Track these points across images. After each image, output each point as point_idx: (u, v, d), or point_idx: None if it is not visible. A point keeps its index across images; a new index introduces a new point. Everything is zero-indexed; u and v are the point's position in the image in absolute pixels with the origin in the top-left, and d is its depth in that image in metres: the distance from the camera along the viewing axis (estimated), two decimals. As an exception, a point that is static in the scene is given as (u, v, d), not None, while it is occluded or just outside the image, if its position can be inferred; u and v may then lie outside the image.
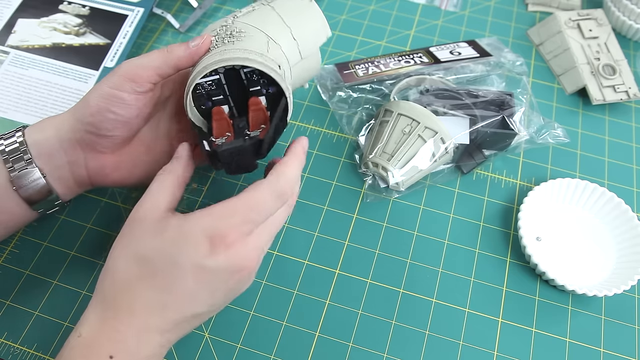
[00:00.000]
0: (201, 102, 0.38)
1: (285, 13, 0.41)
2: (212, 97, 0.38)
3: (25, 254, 0.44)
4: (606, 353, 0.41)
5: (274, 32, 0.39)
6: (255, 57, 0.36)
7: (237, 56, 0.35)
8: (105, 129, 0.38)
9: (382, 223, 0.47)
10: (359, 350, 0.41)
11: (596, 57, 0.55)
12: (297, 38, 0.40)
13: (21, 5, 0.58)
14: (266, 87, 0.38)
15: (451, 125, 0.46)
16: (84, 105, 0.37)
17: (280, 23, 0.40)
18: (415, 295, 0.43)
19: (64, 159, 0.38)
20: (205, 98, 0.39)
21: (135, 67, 0.37)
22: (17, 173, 0.36)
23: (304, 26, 0.41)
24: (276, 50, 0.39)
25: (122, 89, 0.37)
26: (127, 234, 0.33)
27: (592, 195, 0.47)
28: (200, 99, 0.39)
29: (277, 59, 0.38)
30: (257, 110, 0.38)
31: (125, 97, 0.37)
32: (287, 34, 0.40)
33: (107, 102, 0.37)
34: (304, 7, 0.42)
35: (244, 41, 0.37)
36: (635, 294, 0.44)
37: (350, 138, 0.52)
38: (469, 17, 0.62)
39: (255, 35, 0.38)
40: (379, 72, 0.53)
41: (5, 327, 0.41)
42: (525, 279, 0.44)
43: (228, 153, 0.35)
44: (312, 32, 0.41)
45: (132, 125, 0.39)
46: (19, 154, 0.37)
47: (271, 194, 0.33)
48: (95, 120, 0.37)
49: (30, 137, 0.37)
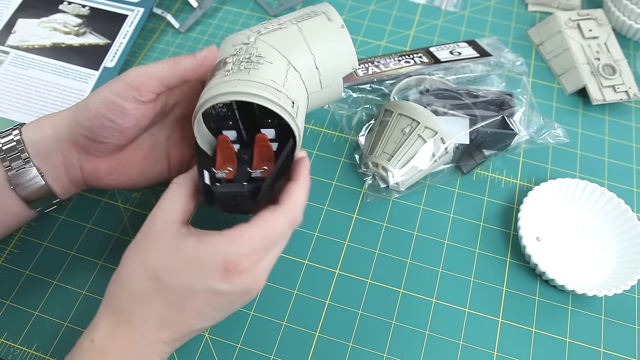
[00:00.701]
0: (210, 120, 0.37)
1: (312, 38, 0.38)
2: (221, 120, 0.37)
3: (25, 254, 0.44)
4: (606, 353, 0.41)
5: (296, 59, 0.37)
6: (268, 95, 0.33)
7: (250, 92, 0.33)
8: (101, 136, 0.37)
9: (382, 223, 0.47)
10: (359, 350, 0.41)
11: (596, 57, 0.55)
12: (320, 67, 0.38)
13: (21, 5, 0.58)
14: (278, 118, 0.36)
15: (451, 125, 0.46)
16: (84, 108, 0.37)
17: (305, 49, 0.37)
18: (415, 295, 0.43)
19: (60, 159, 0.38)
20: (215, 118, 0.37)
21: (141, 76, 0.36)
22: (14, 172, 0.36)
23: (330, 55, 0.38)
24: (294, 80, 0.36)
25: (124, 97, 0.36)
26: (144, 247, 0.33)
27: (592, 195, 0.47)
28: (210, 117, 0.37)
29: (294, 93, 0.35)
30: (263, 147, 0.36)
31: (126, 105, 0.36)
32: (310, 62, 0.37)
33: (106, 109, 0.36)
34: (333, 33, 0.38)
35: (260, 69, 0.35)
36: (635, 294, 0.44)
37: (350, 138, 0.52)
38: (469, 17, 0.62)
39: (275, 61, 0.36)
40: (379, 72, 0.53)
41: (5, 327, 0.41)
42: (525, 279, 0.44)
43: (224, 196, 0.34)
44: (337, 63, 0.38)
45: (128, 134, 0.38)
46: (16, 152, 0.37)
47: (286, 222, 0.34)
48: (92, 125, 0.36)
49: (27, 135, 0.37)
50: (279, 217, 0.33)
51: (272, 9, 0.61)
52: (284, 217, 0.33)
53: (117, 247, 0.45)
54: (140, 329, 0.32)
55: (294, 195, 0.34)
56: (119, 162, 0.40)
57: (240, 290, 0.33)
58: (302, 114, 0.37)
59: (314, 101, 0.40)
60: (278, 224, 0.33)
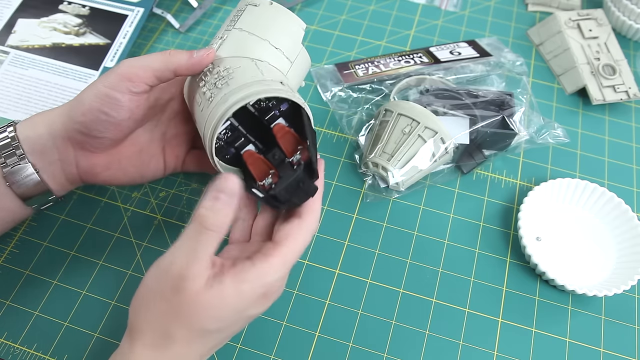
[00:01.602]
0: (224, 153, 0.37)
1: (255, 28, 0.39)
2: (233, 143, 0.37)
3: (25, 254, 0.44)
4: (606, 353, 0.41)
5: (256, 52, 0.38)
6: (257, 88, 0.34)
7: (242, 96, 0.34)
8: (96, 130, 0.37)
9: (382, 223, 0.47)
10: (359, 350, 0.41)
11: (596, 57, 0.55)
12: (279, 46, 0.38)
13: (21, 5, 0.58)
14: (277, 108, 0.37)
15: (451, 125, 0.46)
16: (78, 103, 0.37)
17: (256, 40, 0.38)
18: (415, 295, 0.43)
19: (55, 155, 0.38)
20: (225, 148, 0.37)
21: (134, 67, 0.36)
22: (10, 169, 0.36)
23: (279, 31, 0.39)
24: (267, 68, 0.37)
25: (117, 89, 0.36)
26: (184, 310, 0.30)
27: (592, 195, 0.47)
28: (222, 150, 0.37)
29: (275, 77, 0.36)
30: (285, 135, 0.36)
31: (119, 97, 0.36)
32: (267, 47, 0.38)
33: (100, 102, 0.36)
34: (267, 12, 0.39)
35: (235, 77, 0.36)
36: (635, 294, 0.44)
37: (350, 138, 0.52)
38: (469, 17, 0.62)
39: (242, 65, 0.37)
40: (379, 72, 0.53)
41: (5, 327, 0.41)
42: (525, 279, 0.44)
43: (285, 191, 0.34)
44: (288, 34, 0.39)
45: (123, 127, 0.38)
46: (11, 149, 0.37)
47: (309, 235, 0.34)
48: (87, 119, 0.36)
49: (22, 133, 0.37)
50: (304, 232, 0.34)
51: (272, 9, 0.61)
52: (308, 230, 0.34)
53: (117, 247, 0.45)
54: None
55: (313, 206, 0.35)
56: (114, 157, 0.40)
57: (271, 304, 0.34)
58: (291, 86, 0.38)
59: (294, 77, 0.40)
60: (304, 239, 0.34)
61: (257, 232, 0.37)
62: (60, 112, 0.38)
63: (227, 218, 0.31)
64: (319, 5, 0.62)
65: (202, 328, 0.31)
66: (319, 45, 0.59)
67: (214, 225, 0.31)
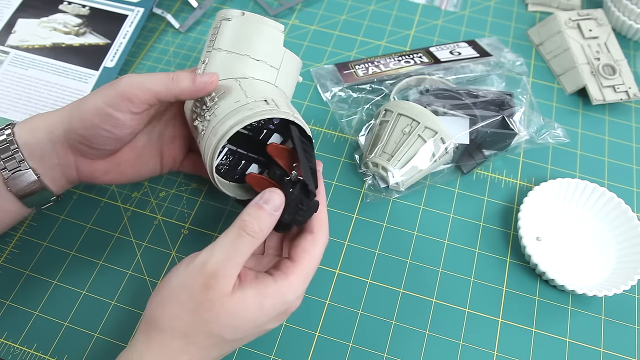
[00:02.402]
0: (231, 175, 0.39)
1: (232, 45, 0.38)
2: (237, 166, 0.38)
3: (25, 254, 0.44)
4: (606, 353, 0.41)
5: (238, 70, 0.37)
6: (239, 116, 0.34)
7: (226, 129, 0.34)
8: (97, 144, 0.37)
9: (382, 223, 0.47)
10: (359, 350, 0.41)
11: (596, 57, 0.55)
12: (260, 57, 0.38)
13: (21, 5, 0.58)
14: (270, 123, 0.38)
15: (451, 125, 0.46)
16: (79, 116, 0.37)
17: (236, 57, 0.37)
18: (415, 295, 0.43)
19: (55, 161, 0.38)
20: (231, 171, 0.39)
21: (135, 88, 0.36)
22: (9, 172, 0.36)
23: (256, 42, 0.38)
24: (251, 85, 0.36)
25: (117, 108, 0.36)
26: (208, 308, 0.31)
27: (592, 195, 0.47)
28: (229, 173, 0.39)
29: (259, 93, 0.36)
30: (280, 153, 0.37)
31: (120, 117, 0.36)
32: (249, 62, 0.37)
33: (101, 119, 0.36)
34: (243, 26, 0.38)
35: (220, 106, 0.35)
36: (635, 294, 0.44)
37: (350, 138, 0.52)
38: (469, 17, 0.62)
39: (225, 90, 0.36)
40: (379, 72, 0.53)
41: (5, 327, 0.41)
42: (525, 279, 0.44)
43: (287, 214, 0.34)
44: (267, 41, 0.38)
45: (124, 140, 0.39)
46: (10, 153, 0.36)
47: (323, 248, 0.35)
48: (89, 134, 0.37)
49: (21, 138, 0.37)
50: (317, 247, 0.34)
51: (271, 9, 0.62)
52: (321, 244, 0.35)
53: (117, 247, 0.45)
54: None
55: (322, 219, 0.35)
56: (114, 162, 0.40)
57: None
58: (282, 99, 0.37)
59: (285, 83, 0.40)
60: (319, 253, 0.35)
61: (270, 246, 0.38)
62: (59, 119, 0.37)
63: (267, 227, 0.33)
64: (319, 5, 0.62)
65: (220, 336, 0.32)
66: (319, 45, 0.59)
67: (254, 232, 0.32)
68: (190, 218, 0.46)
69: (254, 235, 0.32)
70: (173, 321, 0.31)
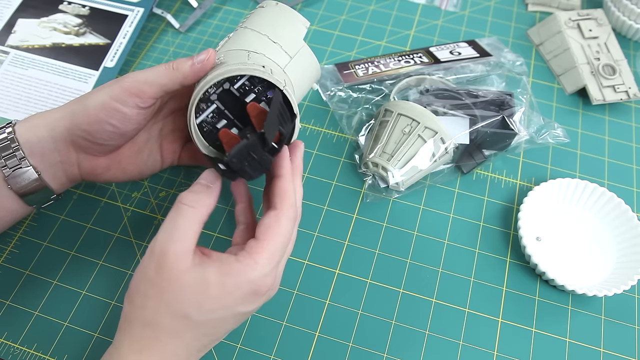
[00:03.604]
0: (214, 138, 0.38)
1: (257, 25, 0.40)
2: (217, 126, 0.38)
3: (25, 254, 0.44)
4: (606, 353, 0.41)
5: (253, 45, 0.39)
6: (231, 67, 0.35)
7: (215, 74, 0.35)
8: (101, 139, 0.38)
9: (382, 223, 0.47)
10: (359, 350, 0.41)
11: (596, 57, 0.55)
12: (277, 40, 0.40)
13: (21, 5, 0.58)
14: (264, 94, 0.38)
15: (451, 125, 0.46)
16: (83, 111, 0.37)
17: (256, 35, 0.40)
18: (415, 295, 0.43)
19: (57, 158, 0.38)
20: (215, 132, 0.38)
21: (141, 83, 0.36)
22: (10, 170, 0.36)
23: (279, 27, 0.40)
24: (259, 57, 0.38)
25: (124, 104, 0.36)
26: (162, 286, 0.31)
27: (592, 195, 0.47)
28: (212, 135, 0.38)
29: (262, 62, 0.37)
30: (257, 114, 0.37)
31: (127, 111, 0.36)
32: (266, 41, 0.39)
33: (107, 114, 0.36)
34: (271, 11, 0.41)
35: (224, 63, 0.37)
36: (635, 294, 0.44)
37: (350, 138, 0.52)
38: (469, 17, 0.62)
39: (235, 54, 0.38)
40: (379, 72, 0.53)
41: (5, 327, 0.41)
42: (525, 279, 0.44)
43: (237, 157, 0.34)
44: (289, 29, 0.41)
45: (128, 136, 0.39)
46: (11, 151, 0.36)
47: (290, 224, 0.34)
48: (93, 129, 0.37)
49: (22, 136, 0.37)
50: (282, 222, 0.33)
51: (272, 9, 0.62)
52: (286, 219, 0.33)
53: (117, 247, 0.45)
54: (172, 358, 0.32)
55: (286, 194, 0.34)
56: (115, 159, 0.40)
57: (265, 301, 0.34)
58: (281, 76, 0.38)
59: (295, 76, 0.41)
60: (285, 229, 0.33)
61: None
62: (61, 116, 0.37)
63: (201, 195, 0.33)
64: (319, 5, 0.62)
65: (185, 314, 0.31)
66: (319, 45, 0.59)
67: (188, 200, 0.33)
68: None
69: (189, 204, 0.32)
70: (140, 312, 0.32)
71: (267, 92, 0.37)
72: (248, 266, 0.32)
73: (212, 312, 0.32)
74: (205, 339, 0.33)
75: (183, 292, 0.31)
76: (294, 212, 0.34)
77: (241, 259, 0.32)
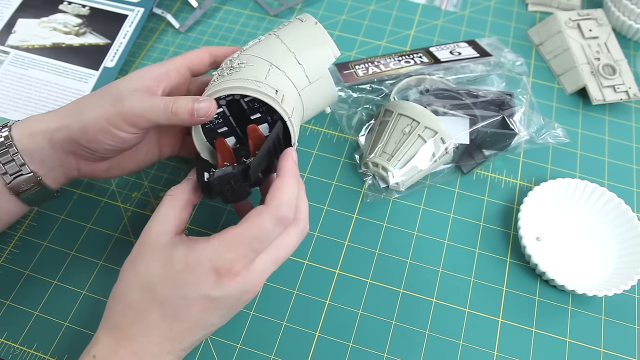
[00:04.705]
0: (213, 137, 0.39)
1: (290, 39, 0.40)
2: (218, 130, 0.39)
3: (25, 254, 0.44)
4: (606, 353, 0.41)
5: (278, 60, 0.38)
6: (246, 84, 0.35)
7: (228, 86, 0.35)
8: (101, 153, 0.38)
9: (382, 223, 0.47)
10: (359, 350, 0.41)
11: (596, 57, 0.55)
12: (302, 62, 0.39)
13: (21, 5, 0.58)
14: (270, 114, 0.38)
15: (451, 125, 0.46)
16: (81, 129, 0.36)
17: (284, 50, 0.39)
18: (415, 295, 0.43)
19: (56, 162, 0.38)
20: (214, 132, 0.39)
21: (137, 117, 0.36)
22: (11, 178, 0.36)
23: (309, 49, 0.40)
24: (278, 76, 0.38)
25: (121, 129, 0.36)
26: (138, 259, 0.34)
27: (592, 195, 0.47)
28: (211, 134, 0.39)
29: (277, 85, 0.37)
30: (256, 137, 0.37)
31: (124, 136, 0.37)
32: (291, 59, 0.39)
33: (105, 137, 0.36)
34: (308, 30, 0.40)
35: (242, 71, 0.37)
36: (635, 294, 0.44)
37: (350, 138, 0.52)
38: (469, 17, 0.62)
39: (256, 64, 0.38)
40: (379, 72, 0.53)
41: (5, 327, 0.41)
42: (525, 279, 0.44)
43: (218, 182, 0.35)
44: (317, 55, 0.40)
45: (128, 148, 0.39)
46: (9, 156, 0.36)
47: (271, 220, 0.33)
48: (92, 147, 0.37)
49: (20, 142, 0.36)
50: (264, 216, 0.33)
51: (271, 9, 0.62)
52: (269, 216, 0.33)
53: (117, 247, 0.45)
54: (141, 342, 0.32)
55: (278, 192, 0.33)
56: (115, 161, 0.41)
57: (236, 294, 0.33)
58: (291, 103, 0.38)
59: (310, 100, 0.40)
60: (264, 224, 0.33)
61: None
62: (57, 127, 0.37)
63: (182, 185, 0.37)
64: (319, 5, 0.62)
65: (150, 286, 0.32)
66: (319, 45, 0.59)
67: (170, 190, 0.36)
68: (190, 218, 0.46)
69: (171, 193, 0.36)
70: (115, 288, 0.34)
71: (273, 113, 0.38)
72: (212, 244, 0.32)
73: (175, 288, 0.32)
74: (172, 323, 0.32)
75: (151, 264, 0.33)
76: (280, 212, 0.33)
77: (210, 239, 0.33)
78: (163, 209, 0.35)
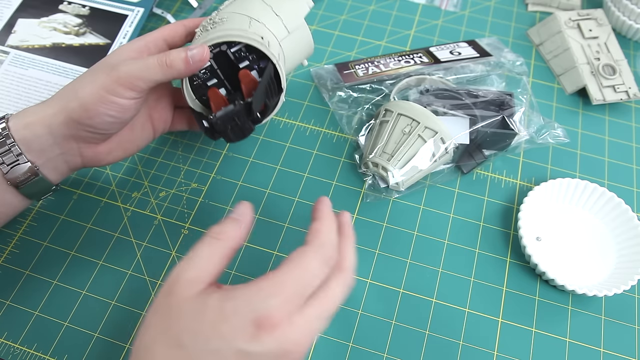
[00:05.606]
0: (202, 93, 0.40)
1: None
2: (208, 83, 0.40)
3: (25, 254, 0.44)
4: (606, 353, 0.41)
5: (257, 13, 0.40)
6: (234, 32, 0.37)
7: (217, 35, 0.37)
8: (103, 129, 0.38)
9: (382, 223, 0.47)
10: (359, 350, 0.41)
11: (596, 57, 0.55)
12: (280, 14, 0.41)
13: (21, 5, 0.58)
14: (256, 62, 0.40)
15: (451, 125, 0.46)
16: (81, 107, 0.37)
17: (261, 3, 0.41)
18: (415, 295, 0.43)
19: (57, 151, 0.38)
20: (203, 88, 0.40)
21: (134, 78, 0.36)
22: (8, 167, 0.36)
23: (285, 1, 0.42)
24: (259, 27, 0.40)
25: (120, 95, 0.37)
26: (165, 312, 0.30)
27: (592, 195, 0.47)
28: (200, 90, 0.40)
29: (260, 33, 0.39)
30: (248, 82, 0.39)
31: (124, 102, 0.37)
32: (269, 12, 0.41)
33: (106, 107, 0.37)
34: None
35: (225, 24, 0.39)
36: (635, 294, 0.44)
37: (350, 138, 0.52)
38: (469, 17, 0.62)
39: (237, 18, 0.40)
40: (379, 72, 0.53)
41: (5, 327, 0.41)
42: (525, 279, 0.44)
43: (222, 120, 0.37)
44: (293, 5, 0.42)
45: (128, 121, 0.40)
46: (7, 147, 0.36)
47: (316, 259, 0.30)
48: (94, 122, 0.37)
49: (17, 133, 0.37)
50: (308, 255, 0.30)
51: (272, 9, 0.62)
52: (313, 254, 0.31)
53: (117, 247, 0.45)
54: None
55: (318, 233, 0.32)
56: (115, 141, 0.41)
57: (275, 351, 0.28)
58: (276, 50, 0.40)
59: (290, 50, 0.42)
60: (309, 263, 0.30)
61: None
62: (55, 112, 0.37)
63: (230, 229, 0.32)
64: (319, 5, 0.62)
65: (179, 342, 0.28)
66: (319, 45, 0.59)
67: (213, 232, 0.32)
68: (190, 218, 0.46)
69: (215, 237, 0.31)
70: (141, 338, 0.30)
71: (260, 61, 0.40)
72: (251, 290, 0.29)
73: (207, 342, 0.28)
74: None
75: (181, 319, 0.29)
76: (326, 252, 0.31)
77: (246, 284, 0.29)
78: (203, 254, 0.31)
